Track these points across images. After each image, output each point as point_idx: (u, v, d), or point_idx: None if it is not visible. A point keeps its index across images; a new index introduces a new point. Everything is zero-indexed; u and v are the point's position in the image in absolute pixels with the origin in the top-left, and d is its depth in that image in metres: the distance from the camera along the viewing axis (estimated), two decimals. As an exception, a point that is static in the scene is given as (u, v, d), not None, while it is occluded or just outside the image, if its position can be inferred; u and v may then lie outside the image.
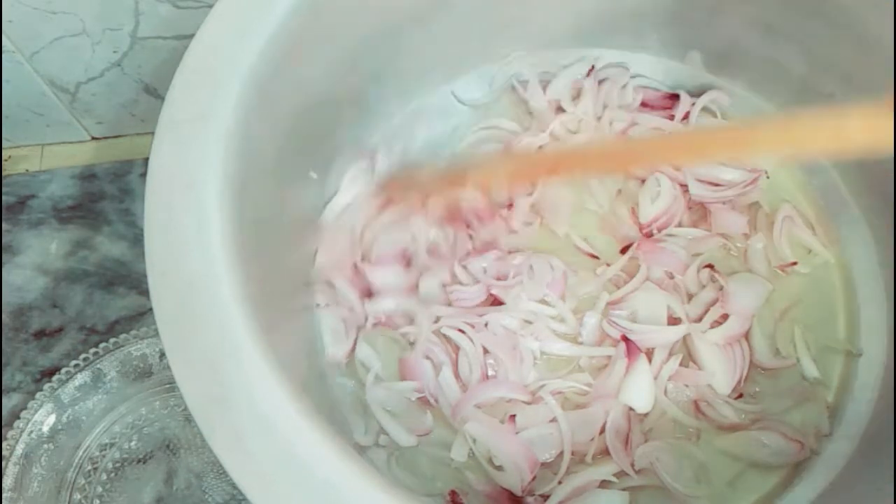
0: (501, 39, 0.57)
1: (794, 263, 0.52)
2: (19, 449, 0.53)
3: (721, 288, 0.50)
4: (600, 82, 0.57)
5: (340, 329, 0.49)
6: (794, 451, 0.46)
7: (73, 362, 0.55)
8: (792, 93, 0.54)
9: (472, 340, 0.48)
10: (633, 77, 0.58)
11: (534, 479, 0.45)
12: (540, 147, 0.56)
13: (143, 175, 0.43)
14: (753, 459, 0.46)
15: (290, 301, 0.48)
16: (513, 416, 0.46)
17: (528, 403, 0.47)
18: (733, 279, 0.50)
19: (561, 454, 0.46)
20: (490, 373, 0.48)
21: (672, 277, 0.51)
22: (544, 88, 0.58)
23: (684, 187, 0.53)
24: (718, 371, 0.48)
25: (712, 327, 0.49)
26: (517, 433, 0.46)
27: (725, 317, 0.49)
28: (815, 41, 0.50)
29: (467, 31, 0.55)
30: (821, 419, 0.47)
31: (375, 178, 0.53)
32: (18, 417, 0.53)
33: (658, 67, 0.58)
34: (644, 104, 0.57)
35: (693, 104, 0.56)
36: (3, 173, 0.66)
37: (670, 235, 0.52)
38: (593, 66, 0.57)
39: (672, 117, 0.56)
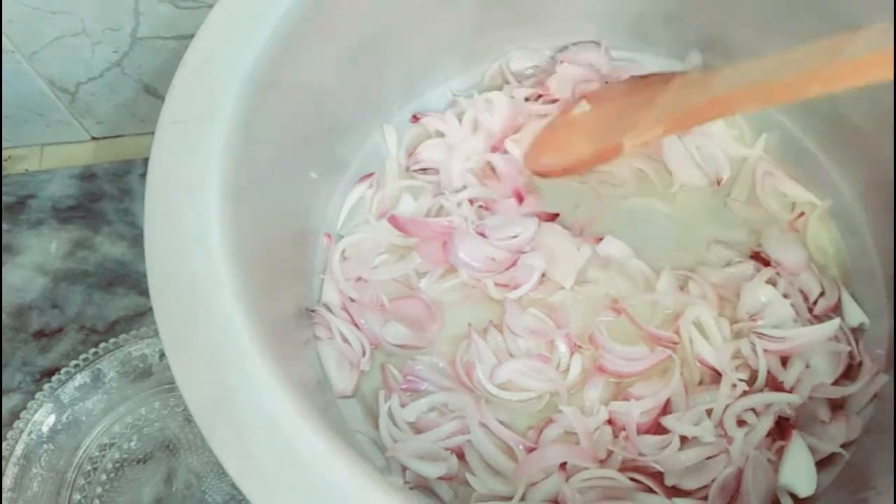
0: (501, 39, 0.57)
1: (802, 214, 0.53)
2: (19, 449, 0.53)
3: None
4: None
5: (343, 362, 0.49)
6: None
7: (73, 362, 0.55)
8: (792, 93, 0.54)
9: None
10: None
11: None
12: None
13: (143, 175, 0.43)
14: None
15: (291, 302, 0.48)
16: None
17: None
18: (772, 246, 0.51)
19: None
20: None
21: None
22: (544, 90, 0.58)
23: None
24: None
25: None
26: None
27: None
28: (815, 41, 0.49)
29: (467, 30, 0.55)
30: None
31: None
32: (18, 417, 0.53)
33: (657, 67, 0.58)
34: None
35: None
36: (3, 173, 0.66)
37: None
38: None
39: None
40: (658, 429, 0.46)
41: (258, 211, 0.42)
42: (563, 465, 0.45)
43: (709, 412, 0.46)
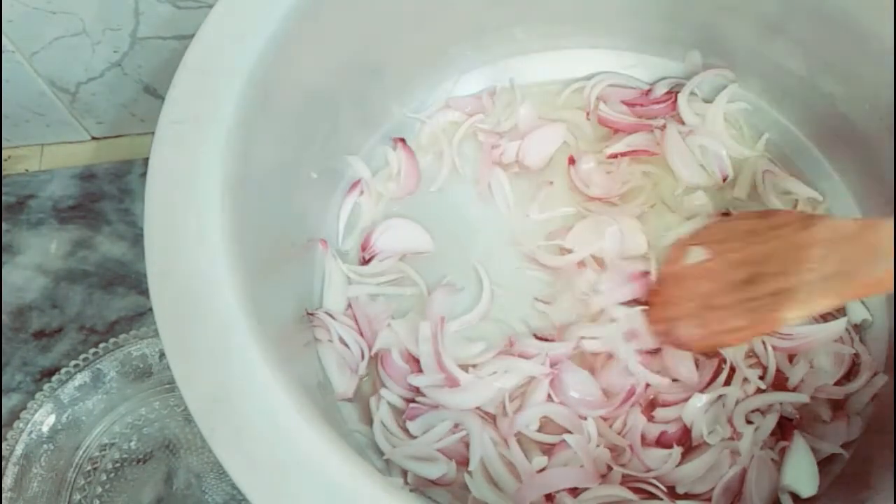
0: (500, 39, 0.57)
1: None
2: (19, 449, 0.53)
3: None
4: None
5: (344, 364, 0.49)
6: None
7: (73, 362, 0.55)
8: (791, 93, 0.54)
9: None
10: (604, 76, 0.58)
11: None
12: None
13: (143, 175, 0.43)
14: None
15: (291, 303, 0.48)
16: None
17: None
18: None
19: None
20: None
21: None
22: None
23: None
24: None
25: None
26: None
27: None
28: (815, 41, 0.49)
29: (466, 30, 0.55)
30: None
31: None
32: (18, 417, 0.53)
33: (658, 67, 0.58)
34: (641, 104, 0.57)
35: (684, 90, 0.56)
36: (3, 173, 0.66)
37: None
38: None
39: (674, 107, 0.56)
40: (678, 438, 0.46)
41: (258, 211, 0.42)
42: (571, 489, 0.44)
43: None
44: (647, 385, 0.47)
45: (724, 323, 0.44)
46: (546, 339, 0.49)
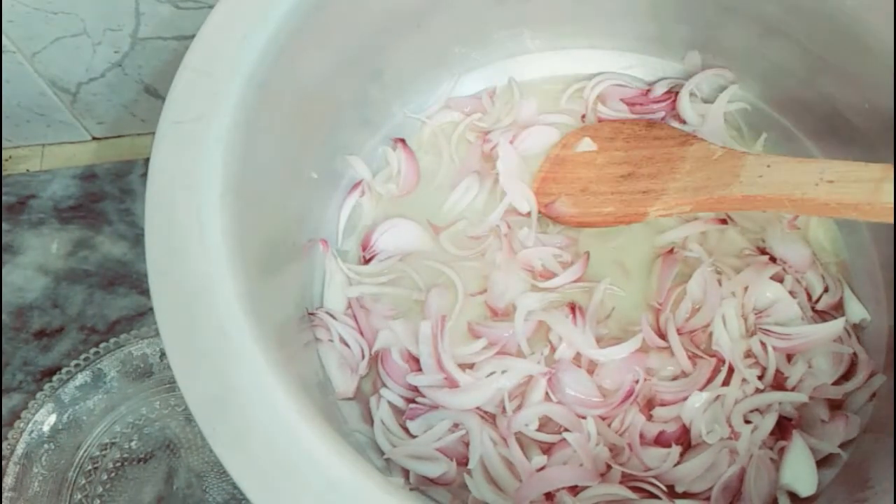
0: (501, 39, 0.57)
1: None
2: (20, 449, 0.53)
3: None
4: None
5: (344, 364, 0.49)
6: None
7: (74, 362, 0.55)
8: (792, 93, 0.54)
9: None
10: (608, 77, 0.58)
11: None
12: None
13: (144, 175, 0.43)
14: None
15: (292, 303, 0.48)
16: None
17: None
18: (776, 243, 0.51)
19: None
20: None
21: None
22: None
23: None
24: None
25: None
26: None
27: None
28: (815, 41, 0.50)
29: (466, 30, 0.55)
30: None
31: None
32: (19, 417, 0.54)
33: (657, 67, 0.58)
34: (640, 103, 0.57)
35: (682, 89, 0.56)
36: (4, 173, 0.67)
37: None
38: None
39: (673, 106, 0.56)
40: (677, 437, 0.46)
41: (259, 211, 0.42)
42: (570, 488, 0.44)
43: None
44: (646, 379, 0.47)
45: (597, 207, 0.52)
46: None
